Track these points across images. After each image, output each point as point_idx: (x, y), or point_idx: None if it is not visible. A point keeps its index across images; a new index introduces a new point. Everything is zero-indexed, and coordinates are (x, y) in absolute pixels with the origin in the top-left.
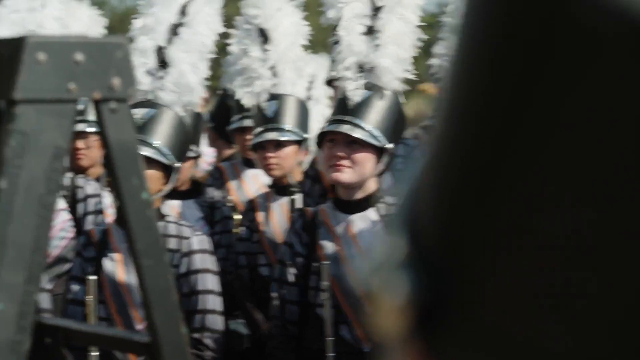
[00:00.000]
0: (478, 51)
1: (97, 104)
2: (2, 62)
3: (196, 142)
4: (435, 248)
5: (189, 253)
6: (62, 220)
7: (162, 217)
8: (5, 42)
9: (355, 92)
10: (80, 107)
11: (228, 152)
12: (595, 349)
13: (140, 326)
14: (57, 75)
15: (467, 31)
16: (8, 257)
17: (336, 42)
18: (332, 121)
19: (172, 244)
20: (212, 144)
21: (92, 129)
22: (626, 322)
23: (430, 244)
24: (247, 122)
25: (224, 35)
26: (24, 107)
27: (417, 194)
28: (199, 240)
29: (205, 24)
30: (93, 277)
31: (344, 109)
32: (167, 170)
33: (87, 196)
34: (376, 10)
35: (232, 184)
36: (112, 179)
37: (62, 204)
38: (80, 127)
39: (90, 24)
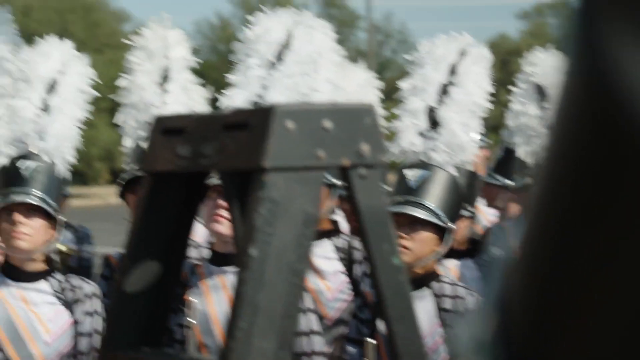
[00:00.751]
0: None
1: (346, 170)
2: (252, 131)
3: (471, 201)
4: (522, 338)
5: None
6: (339, 282)
7: (437, 277)
8: (255, 112)
9: None
10: None
11: (515, 208)
12: None
13: None
14: (306, 142)
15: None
16: (259, 324)
17: None
18: None
19: (447, 304)
20: (498, 200)
21: None
22: None
23: (517, 330)
24: (529, 180)
25: (507, 92)
26: (274, 175)
27: (510, 275)
28: (476, 301)
29: (475, 82)
30: (372, 341)
31: None
32: (442, 232)
33: (364, 258)
34: None
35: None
36: (363, 245)
37: (339, 266)
38: None
39: (364, 86)
